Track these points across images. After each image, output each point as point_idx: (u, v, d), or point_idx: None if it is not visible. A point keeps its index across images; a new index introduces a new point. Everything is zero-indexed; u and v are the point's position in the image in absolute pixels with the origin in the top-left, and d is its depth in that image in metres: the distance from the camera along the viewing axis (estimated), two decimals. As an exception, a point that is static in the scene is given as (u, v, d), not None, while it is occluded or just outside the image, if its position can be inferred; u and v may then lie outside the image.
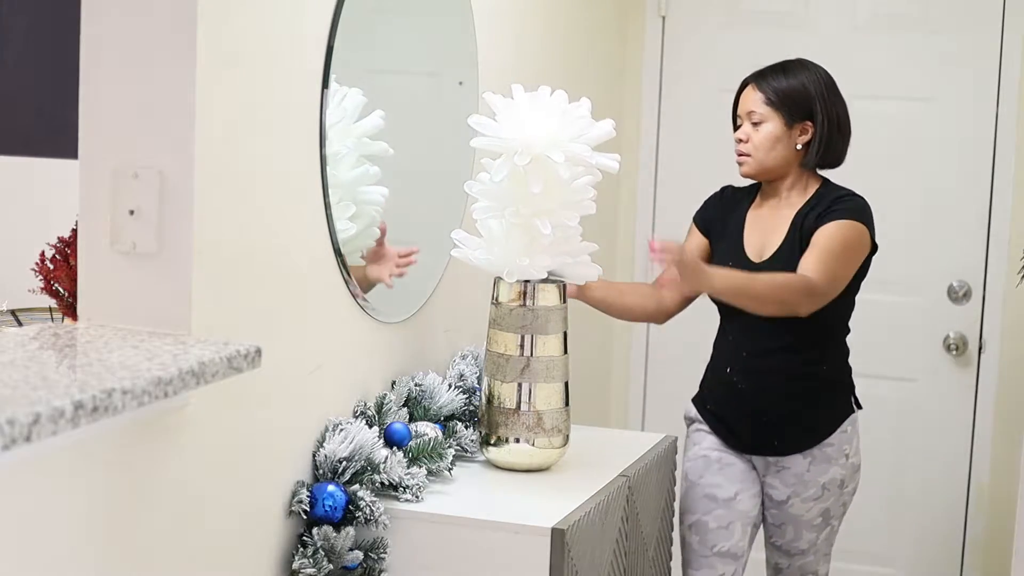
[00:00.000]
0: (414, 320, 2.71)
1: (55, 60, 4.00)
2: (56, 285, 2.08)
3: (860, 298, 2.99)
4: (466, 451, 2.58)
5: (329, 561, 2.18)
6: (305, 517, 2.22)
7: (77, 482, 1.73)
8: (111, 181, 1.92)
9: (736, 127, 3.00)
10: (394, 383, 2.58)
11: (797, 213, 2.92)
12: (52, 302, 2.13)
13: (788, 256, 2.88)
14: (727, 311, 2.98)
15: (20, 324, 2.90)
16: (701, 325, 4.16)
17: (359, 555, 2.22)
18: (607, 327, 4.21)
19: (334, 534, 2.19)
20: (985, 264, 3.94)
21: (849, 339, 3.02)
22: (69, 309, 2.06)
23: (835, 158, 2.99)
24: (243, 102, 2.03)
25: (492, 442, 2.54)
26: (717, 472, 2.95)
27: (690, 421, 3.11)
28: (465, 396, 2.68)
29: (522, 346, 2.51)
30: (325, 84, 2.27)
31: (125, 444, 1.80)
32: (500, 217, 2.50)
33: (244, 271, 2.06)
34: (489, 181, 2.49)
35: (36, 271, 2.10)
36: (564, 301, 2.57)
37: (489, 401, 2.54)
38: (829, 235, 2.83)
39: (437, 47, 2.84)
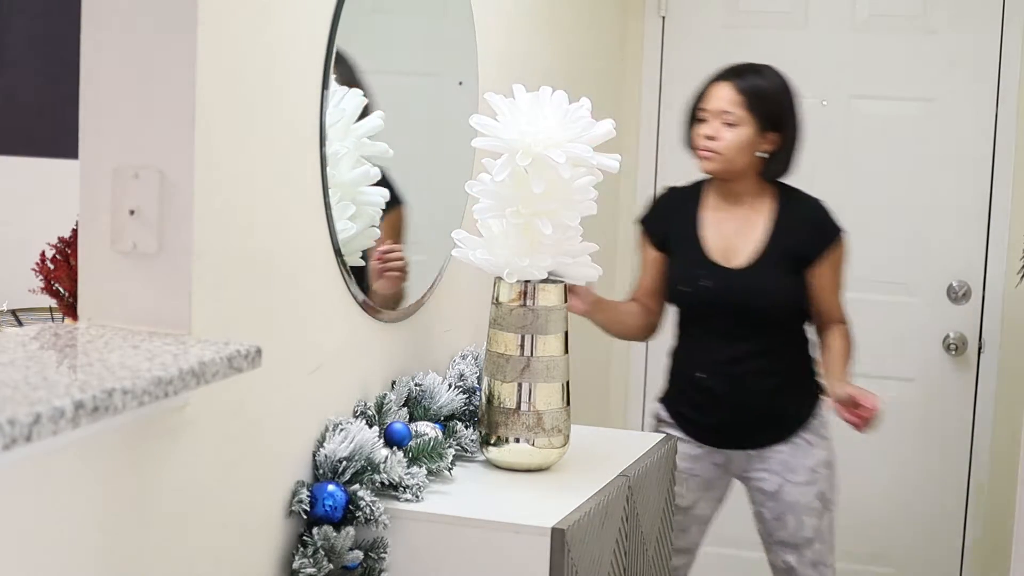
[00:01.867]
0: (414, 320, 2.71)
1: (55, 60, 4.00)
2: (56, 285, 2.08)
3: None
4: (466, 451, 2.58)
5: (329, 561, 2.18)
6: (305, 517, 2.22)
7: (77, 482, 1.73)
8: (111, 181, 1.92)
9: (695, 119, 3.04)
10: (394, 383, 2.58)
11: (774, 223, 3.03)
12: (52, 302, 2.13)
13: (772, 266, 3.00)
14: (693, 317, 3.10)
15: (20, 324, 2.90)
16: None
17: (359, 555, 2.22)
18: (607, 327, 4.21)
19: (334, 534, 2.19)
20: (985, 264, 3.94)
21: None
22: (69, 309, 2.06)
23: (794, 165, 3.08)
24: (243, 102, 2.03)
25: (492, 442, 2.55)
26: (680, 483, 3.02)
27: (659, 421, 3.21)
28: (465, 396, 2.68)
29: (522, 346, 2.51)
30: (325, 84, 2.27)
31: (125, 444, 1.80)
32: (501, 217, 2.50)
33: (244, 271, 2.06)
34: (490, 181, 2.49)
35: (36, 271, 2.10)
36: (564, 301, 2.57)
37: (489, 401, 2.55)
38: (838, 269, 3.05)
39: (437, 47, 2.84)
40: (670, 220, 3.13)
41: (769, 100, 2.99)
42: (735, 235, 3.03)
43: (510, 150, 2.44)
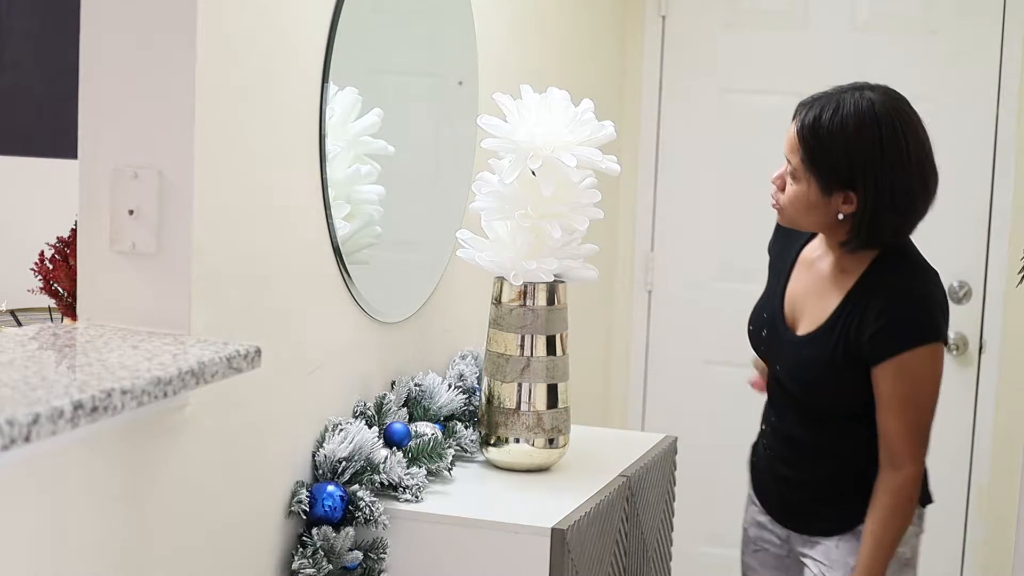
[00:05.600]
0: (414, 320, 2.70)
1: (55, 60, 4.01)
2: (55, 285, 2.08)
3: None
4: (466, 451, 2.58)
5: (329, 561, 2.17)
6: (305, 517, 2.22)
7: (76, 482, 1.72)
8: (111, 181, 1.92)
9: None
10: (394, 383, 2.58)
11: (848, 294, 2.35)
12: (51, 302, 2.13)
13: (826, 352, 2.34)
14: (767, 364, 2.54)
15: (19, 324, 2.90)
16: (701, 324, 4.17)
17: (359, 555, 2.22)
18: (607, 327, 4.21)
19: (334, 534, 2.19)
20: (986, 264, 3.94)
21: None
22: (68, 309, 2.06)
23: (891, 234, 2.32)
24: (243, 102, 2.03)
25: (492, 442, 2.54)
26: (752, 553, 2.60)
27: (750, 468, 2.67)
28: (465, 396, 2.68)
29: (522, 346, 2.51)
30: (325, 83, 2.27)
31: (124, 444, 1.80)
32: (507, 219, 2.49)
33: (244, 271, 2.06)
34: (497, 182, 2.48)
35: (35, 271, 2.10)
36: (565, 301, 2.56)
37: (489, 401, 2.54)
38: (902, 389, 2.29)
39: (437, 47, 2.84)
40: (782, 246, 2.55)
41: (831, 150, 2.27)
42: (809, 296, 2.42)
43: (519, 152, 2.43)
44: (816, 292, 2.41)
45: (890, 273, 2.33)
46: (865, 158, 2.25)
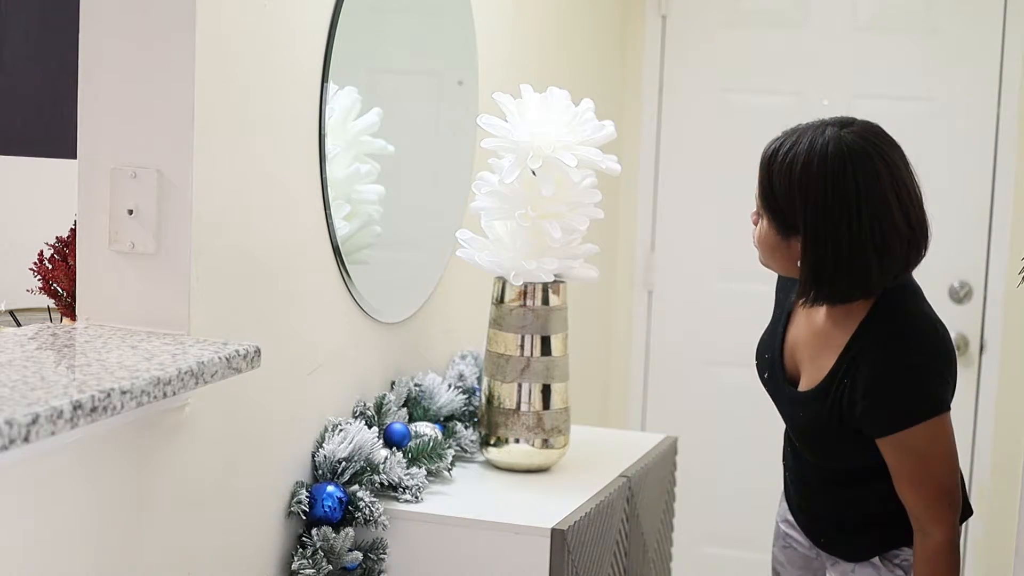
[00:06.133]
0: (414, 320, 2.70)
1: (55, 60, 4.00)
2: (55, 285, 2.08)
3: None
4: (466, 451, 2.58)
5: (328, 562, 2.17)
6: (304, 518, 2.22)
7: (76, 483, 1.72)
8: (110, 181, 1.92)
9: None
10: (394, 383, 2.58)
11: (841, 354, 2.10)
12: (50, 302, 2.13)
13: (817, 409, 2.12)
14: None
15: (19, 324, 2.89)
16: (701, 324, 4.17)
17: (358, 556, 2.22)
18: (607, 327, 4.21)
19: (333, 535, 2.18)
20: (986, 264, 3.94)
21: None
22: (67, 309, 2.06)
23: (845, 292, 2.05)
24: (242, 102, 2.03)
25: (492, 442, 2.54)
26: (782, 548, 2.43)
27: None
28: (465, 396, 2.68)
29: (522, 346, 2.50)
30: (324, 83, 2.26)
31: (124, 444, 1.80)
32: (508, 219, 2.49)
33: (243, 271, 2.05)
34: (496, 182, 2.48)
35: (35, 271, 2.10)
36: (565, 301, 2.56)
37: (489, 401, 2.54)
38: (908, 459, 2.07)
39: (437, 46, 2.84)
40: (787, 280, 2.28)
41: (777, 188, 2.04)
42: (807, 347, 2.19)
43: (520, 152, 2.43)
44: (813, 345, 2.17)
45: (880, 336, 2.06)
46: (805, 201, 2.01)
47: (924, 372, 2.05)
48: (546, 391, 2.52)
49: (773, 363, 2.25)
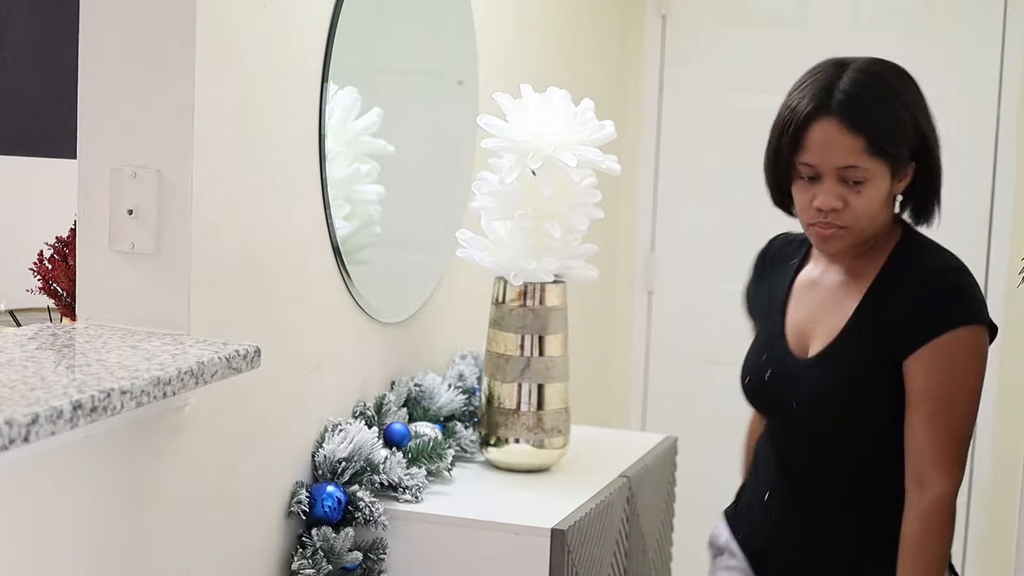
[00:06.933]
0: (414, 320, 2.70)
1: (55, 60, 4.00)
2: (54, 285, 2.08)
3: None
4: (466, 451, 2.58)
5: (328, 562, 2.17)
6: (304, 518, 2.22)
7: (76, 483, 1.72)
8: (110, 181, 1.92)
9: (793, 172, 2.04)
10: (394, 383, 2.58)
11: (867, 293, 2.04)
12: (50, 302, 2.13)
13: (846, 359, 2.01)
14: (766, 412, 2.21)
15: (18, 324, 2.89)
16: (701, 324, 4.17)
17: (358, 556, 2.21)
18: (607, 327, 4.21)
19: (333, 535, 2.18)
20: (987, 264, 3.93)
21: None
22: (67, 309, 2.06)
23: (936, 205, 2.19)
24: (242, 102, 2.03)
25: (492, 442, 2.54)
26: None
27: (717, 551, 2.35)
28: (465, 396, 2.68)
29: (522, 346, 2.50)
30: (324, 83, 2.26)
31: (124, 444, 1.80)
32: (507, 219, 2.49)
33: (243, 271, 2.05)
34: (497, 182, 2.48)
35: (34, 271, 2.10)
36: (565, 301, 2.56)
37: (489, 401, 2.54)
38: (938, 381, 1.96)
39: (437, 46, 2.84)
40: (768, 283, 2.23)
41: (898, 126, 2.01)
42: (820, 313, 2.09)
43: (520, 152, 2.43)
44: (828, 306, 2.09)
45: (916, 255, 2.05)
46: (921, 115, 2.08)
47: (967, 278, 2.05)
48: (546, 391, 2.51)
49: (777, 354, 2.13)
